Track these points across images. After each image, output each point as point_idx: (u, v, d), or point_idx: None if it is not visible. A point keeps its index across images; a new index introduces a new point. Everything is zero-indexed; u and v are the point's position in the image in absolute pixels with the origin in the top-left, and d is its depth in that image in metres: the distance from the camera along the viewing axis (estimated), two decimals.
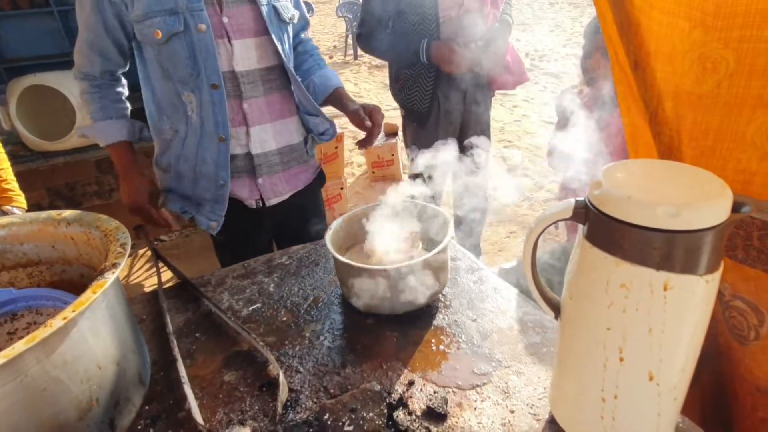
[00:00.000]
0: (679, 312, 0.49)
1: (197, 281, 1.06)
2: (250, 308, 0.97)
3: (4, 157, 1.47)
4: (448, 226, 0.93)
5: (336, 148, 3.12)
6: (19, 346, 0.51)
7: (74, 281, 0.84)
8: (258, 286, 1.04)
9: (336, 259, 0.89)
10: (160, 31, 1.17)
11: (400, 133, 2.53)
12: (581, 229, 0.54)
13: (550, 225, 0.57)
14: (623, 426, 0.57)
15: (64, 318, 0.54)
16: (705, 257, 0.47)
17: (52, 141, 2.46)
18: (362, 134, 1.35)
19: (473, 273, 1.03)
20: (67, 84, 2.42)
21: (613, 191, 0.49)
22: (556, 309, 0.62)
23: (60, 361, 0.57)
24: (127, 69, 1.35)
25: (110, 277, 0.62)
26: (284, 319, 0.94)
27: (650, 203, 0.45)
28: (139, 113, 1.47)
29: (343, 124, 2.94)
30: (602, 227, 0.50)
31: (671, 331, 0.49)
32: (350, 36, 8.94)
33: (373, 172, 3.86)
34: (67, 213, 0.81)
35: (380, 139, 3.63)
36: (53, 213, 0.81)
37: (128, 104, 1.39)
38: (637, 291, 0.49)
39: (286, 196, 1.45)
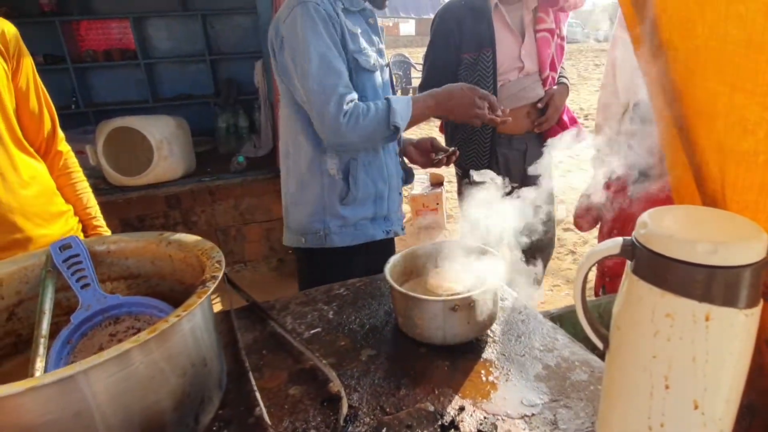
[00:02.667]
0: (721, 342, 0.53)
1: (263, 305, 1.16)
2: (311, 332, 1.06)
3: (92, 196, 1.64)
4: (499, 266, 1.00)
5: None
6: (143, 336, 0.61)
7: (165, 294, 0.95)
8: (318, 313, 1.13)
9: (393, 289, 0.98)
10: (376, 61, 1.43)
11: (446, 183, 2.63)
12: (628, 264, 0.61)
13: (600, 260, 0.63)
14: None
15: (177, 316, 0.65)
16: (744, 292, 0.52)
17: (130, 177, 2.72)
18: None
19: (521, 313, 1.08)
20: (148, 126, 2.71)
21: (658, 230, 0.55)
22: (604, 340, 0.67)
23: (166, 355, 0.67)
24: None
25: (211, 287, 0.73)
26: (342, 343, 1.01)
27: (691, 241, 0.52)
28: (207, 155, 1.65)
29: None
30: (648, 262, 0.56)
31: (714, 360, 0.54)
32: (399, 91, 9.39)
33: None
34: (168, 234, 0.94)
35: (425, 188, 3.75)
36: (156, 233, 0.94)
37: None
38: (680, 320, 0.54)
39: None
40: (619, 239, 0.61)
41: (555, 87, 2.07)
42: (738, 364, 0.55)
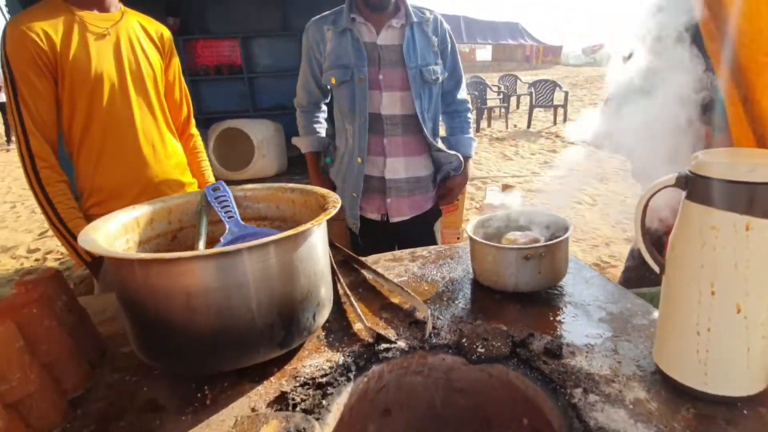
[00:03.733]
0: (760, 250, 0.64)
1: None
2: (398, 279, 1.23)
3: (212, 173, 1.98)
4: (569, 228, 1.12)
5: (457, 200, 3.40)
6: (287, 233, 0.81)
7: None
8: (404, 267, 1.30)
9: (472, 240, 1.13)
10: (335, 78, 1.73)
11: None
12: (683, 195, 0.72)
13: (658, 191, 0.75)
14: (716, 359, 0.70)
15: (311, 223, 0.85)
16: None
17: (234, 171, 3.09)
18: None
19: (588, 272, 1.19)
20: (251, 128, 3.07)
21: (707, 159, 0.67)
22: (660, 265, 0.78)
23: (299, 257, 0.87)
24: (327, 101, 1.97)
25: (332, 211, 0.92)
26: (426, 288, 1.17)
27: (733, 163, 0.64)
28: (296, 160, 2.01)
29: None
30: (698, 186, 0.68)
31: (755, 266, 0.64)
32: (474, 111, 9.53)
33: None
34: (291, 184, 1.16)
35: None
36: (283, 184, 1.17)
37: (324, 125, 2.01)
38: (724, 231, 0.65)
39: (407, 218, 1.87)
40: (676, 173, 0.73)
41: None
42: None
